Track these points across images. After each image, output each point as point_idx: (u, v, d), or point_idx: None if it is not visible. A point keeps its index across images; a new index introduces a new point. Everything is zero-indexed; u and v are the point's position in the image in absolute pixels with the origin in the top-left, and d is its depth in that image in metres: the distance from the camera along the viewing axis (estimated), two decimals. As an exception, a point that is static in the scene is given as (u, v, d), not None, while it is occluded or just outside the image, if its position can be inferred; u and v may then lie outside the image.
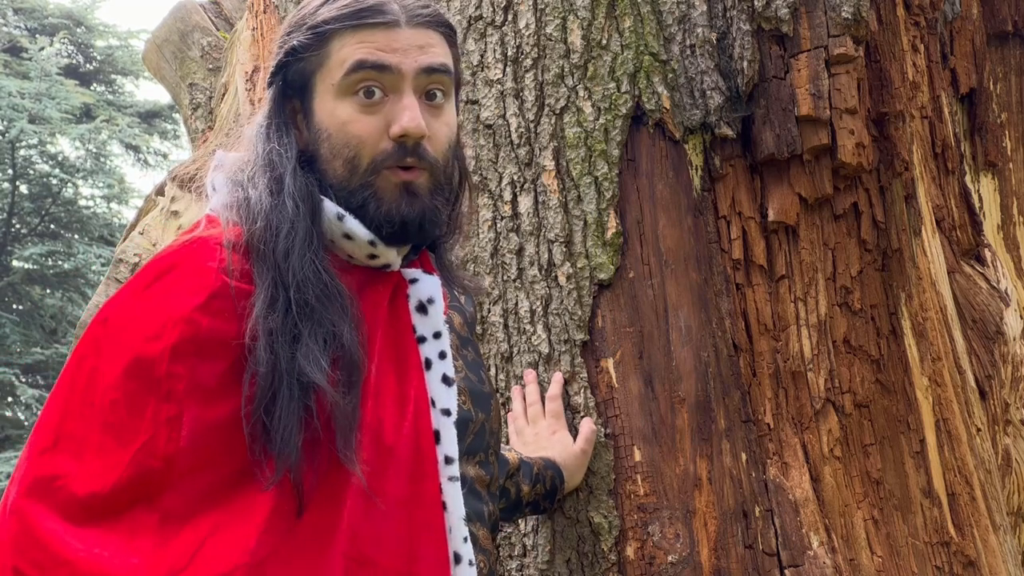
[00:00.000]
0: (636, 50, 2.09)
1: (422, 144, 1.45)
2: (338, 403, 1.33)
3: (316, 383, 1.31)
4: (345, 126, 1.44)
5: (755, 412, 2.00)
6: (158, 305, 1.34)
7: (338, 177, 1.45)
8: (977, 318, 2.48)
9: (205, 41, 3.51)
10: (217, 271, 1.36)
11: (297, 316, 1.34)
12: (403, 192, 1.44)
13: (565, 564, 1.99)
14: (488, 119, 2.14)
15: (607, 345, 2.01)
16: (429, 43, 1.47)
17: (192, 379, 1.31)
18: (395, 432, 1.38)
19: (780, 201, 2.06)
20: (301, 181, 1.43)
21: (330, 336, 1.35)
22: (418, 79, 1.45)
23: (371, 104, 1.44)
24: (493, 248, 2.11)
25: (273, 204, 1.41)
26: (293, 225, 1.39)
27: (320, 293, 1.37)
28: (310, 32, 1.47)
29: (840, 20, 2.03)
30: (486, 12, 2.17)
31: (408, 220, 1.44)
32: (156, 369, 1.30)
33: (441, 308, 1.50)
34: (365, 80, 1.44)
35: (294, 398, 1.31)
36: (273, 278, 1.36)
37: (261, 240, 1.39)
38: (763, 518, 1.94)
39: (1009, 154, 2.91)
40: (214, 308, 1.34)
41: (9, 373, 11.91)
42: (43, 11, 14.61)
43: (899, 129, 2.17)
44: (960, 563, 2.06)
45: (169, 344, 1.31)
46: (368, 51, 1.44)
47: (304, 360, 1.32)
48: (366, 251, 1.45)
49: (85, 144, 13.51)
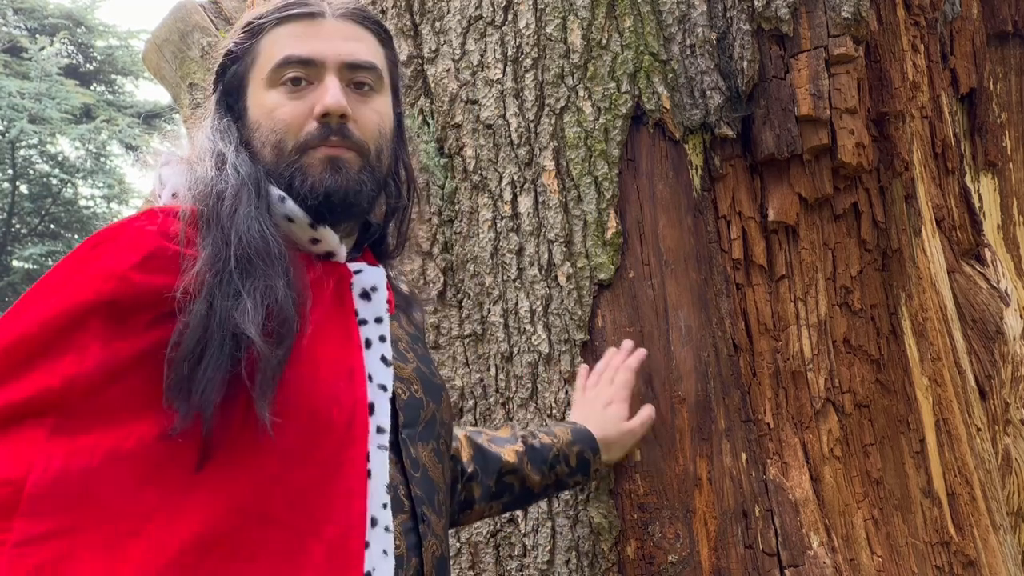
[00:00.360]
0: (636, 50, 2.09)
1: (347, 125, 1.50)
2: (265, 354, 1.33)
3: (247, 335, 1.33)
4: (272, 112, 1.50)
5: (755, 412, 2.00)
6: (93, 265, 1.35)
7: (268, 163, 1.50)
8: (977, 318, 2.48)
9: (205, 41, 3.51)
10: (156, 234, 1.38)
11: (236, 271, 1.37)
12: (328, 166, 1.49)
13: (565, 564, 1.99)
14: (488, 119, 2.14)
15: (607, 345, 2.01)
16: (355, 36, 1.55)
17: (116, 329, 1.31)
18: (329, 399, 1.40)
19: (780, 201, 2.07)
20: (243, 155, 1.49)
21: (266, 291, 1.37)
22: (342, 71, 1.52)
23: (297, 91, 1.51)
24: (493, 248, 2.11)
25: (218, 175, 1.46)
26: (238, 191, 1.44)
27: (262, 250, 1.40)
28: (243, 32, 1.56)
29: (840, 20, 2.03)
30: (486, 12, 2.17)
31: (332, 191, 1.48)
32: (79, 312, 1.30)
33: (384, 296, 1.54)
34: (291, 72, 1.50)
35: (224, 348, 1.32)
36: (215, 237, 1.39)
37: (206, 205, 1.43)
38: (763, 518, 1.94)
39: (1009, 154, 2.91)
40: (150, 267, 1.35)
41: (9, 373, 11.88)
42: (43, 11, 14.62)
43: (899, 129, 2.17)
44: (960, 563, 2.06)
45: (99, 297, 1.31)
46: (294, 45, 1.51)
47: (239, 313, 1.34)
48: (308, 234, 1.49)
49: (85, 144, 13.51)
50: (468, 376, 2.12)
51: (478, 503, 1.79)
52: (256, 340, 1.33)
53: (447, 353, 2.14)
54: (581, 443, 1.89)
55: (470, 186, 2.15)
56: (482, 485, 1.79)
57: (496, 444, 1.83)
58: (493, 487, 1.81)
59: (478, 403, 2.11)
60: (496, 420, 2.09)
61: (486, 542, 2.06)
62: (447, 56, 2.19)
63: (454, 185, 2.16)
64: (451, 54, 2.19)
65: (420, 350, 1.64)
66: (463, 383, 2.12)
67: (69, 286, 1.34)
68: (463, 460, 1.78)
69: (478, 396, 2.11)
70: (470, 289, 2.13)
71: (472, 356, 2.12)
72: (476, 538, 2.07)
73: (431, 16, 2.22)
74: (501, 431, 1.88)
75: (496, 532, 2.06)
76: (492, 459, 1.80)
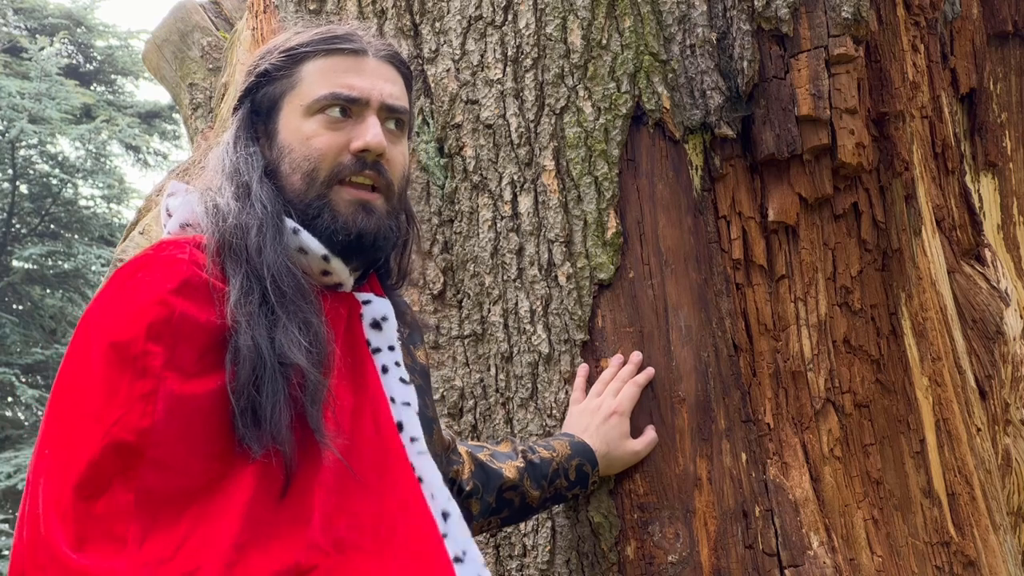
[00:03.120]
0: (636, 50, 2.09)
1: (381, 163, 1.53)
2: (315, 379, 1.37)
3: (298, 363, 1.37)
4: (308, 140, 1.52)
5: (755, 412, 2.00)
6: (131, 295, 1.37)
7: (296, 191, 1.51)
8: (977, 318, 2.48)
9: (205, 41, 3.51)
10: (188, 262, 1.40)
11: (275, 304, 1.40)
12: (359, 207, 1.52)
13: (565, 564, 1.99)
14: (488, 119, 2.14)
15: (607, 345, 2.01)
16: (392, 79, 1.59)
17: (168, 356, 1.33)
18: (351, 436, 1.43)
19: (780, 201, 2.07)
20: (268, 187, 1.50)
21: (304, 323, 1.41)
22: (381, 111, 1.55)
23: (337, 123, 1.53)
24: (493, 248, 2.11)
25: (241, 207, 1.47)
26: (262, 224, 1.45)
27: (292, 285, 1.43)
28: (283, 55, 1.57)
29: (840, 20, 2.03)
30: (486, 12, 2.17)
31: (364, 233, 1.51)
32: (131, 349, 1.33)
33: (394, 325, 1.56)
34: (337, 105, 1.53)
35: (278, 378, 1.35)
36: (246, 271, 1.41)
37: (232, 238, 1.44)
38: (763, 518, 1.94)
39: (1009, 154, 2.91)
40: (187, 293, 1.37)
41: (9, 373, 11.91)
42: (43, 11, 14.61)
43: (899, 129, 2.17)
44: (960, 563, 2.06)
45: (144, 325, 1.33)
46: (342, 82, 1.53)
47: (286, 342, 1.37)
48: (319, 267, 1.51)
49: (85, 144, 13.51)
50: (468, 376, 2.12)
51: (477, 519, 1.82)
52: (307, 368, 1.37)
53: (447, 353, 2.14)
54: (580, 456, 1.90)
55: (470, 186, 2.15)
56: (482, 501, 1.82)
57: (497, 460, 1.86)
58: (493, 503, 1.83)
59: (478, 403, 2.11)
60: (496, 420, 2.09)
61: (486, 542, 2.06)
62: (447, 56, 2.19)
63: (454, 185, 2.16)
64: (451, 54, 2.19)
65: (417, 380, 1.66)
66: (463, 383, 2.12)
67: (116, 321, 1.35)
68: (463, 477, 1.80)
69: (478, 396, 2.11)
70: (470, 289, 2.13)
71: (472, 356, 2.12)
72: (476, 538, 2.07)
73: (431, 16, 2.22)
74: (501, 446, 1.90)
75: (496, 532, 2.06)
76: (493, 475, 1.83)
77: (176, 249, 1.43)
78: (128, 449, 1.29)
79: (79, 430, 1.31)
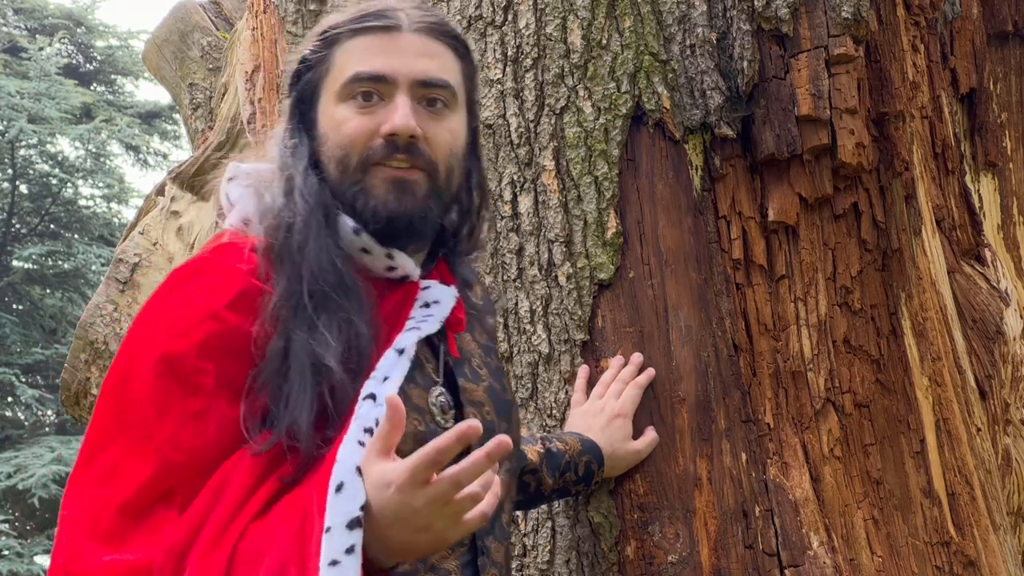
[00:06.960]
0: (636, 50, 2.09)
1: (417, 144, 1.46)
2: (344, 385, 1.34)
3: (328, 365, 1.33)
4: (340, 127, 1.48)
5: (755, 412, 2.00)
6: (185, 304, 1.36)
7: (334, 181, 1.48)
8: (977, 318, 2.48)
9: (205, 41, 3.51)
10: (245, 272, 1.38)
11: (312, 304, 1.36)
12: (393, 187, 1.46)
13: (565, 564, 1.99)
14: (488, 119, 2.14)
15: (607, 345, 2.01)
16: (429, 52, 1.50)
17: (220, 375, 1.32)
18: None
19: (780, 201, 2.06)
20: (312, 180, 1.46)
21: (345, 324, 1.37)
22: (414, 89, 1.48)
23: (367, 106, 1.47)
24: (493, 248, 2.11)
25: (285, 203, 1.44)
26: (306, 221, 1.42)
27: (335, 283, 1.39)
28: (317, 39, 1.52)
29: (840, 20, 2.03)
30: (486, 12, 2.17)
31: (395, 216, 1.46)
32: (184, 364, 1.32)
33: (446, 309, 1.51)
34: (362, 87, 1.47)
35: (306, 378, 1.33)
36: (289, 274, 1.39)
37: (276, 238, 1.42)
38: (763, 518, 1.94)
39: (1009, 154, 2.91)
40: (241, 307, 1.36)
41: (9, 373, 11.91)
42: (43, 11, 14.61)
43: (899, 129, 2.17)
44: (960, 563, 2.06)
45: (197, 340, 1.32)
46: (366, 61, 1.47)
47: (318, 344, 1.34)
48: (384, 263, 1.48)
49: (85, 144, 13.51)
50: (468, 376, 2.12)
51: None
52: (336, 371, 1.34)
53: (447, 353, 2.14)
54: (589, 454, 1.88)
55: (470, 186, 2.15)
56: None
57: (522, 442, 1.82)
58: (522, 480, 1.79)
59: (478, 403, 2.11)
60: (496, 420, 2.09)
61: (486, 542, 2.06)
62: (447, 56, 2.19)
63: (454, 185, 2.16)
64: (451, 54, 2.19)
65: (493, 363, 1.62)
66: (463, 383, 2.12)
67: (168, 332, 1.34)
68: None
69: (478, 396, 2.11)
70: (470, 289, 2.13)
71: (472, 356, 2.12)
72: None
73: (431, 16, 2.22)
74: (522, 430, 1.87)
75: (496, 532, 2.06)
76: (519, 456, 1.78)
77: (234, 255, 1.40)
78: (178, 469, 1.29)
79: (128, 443, 1.30)
